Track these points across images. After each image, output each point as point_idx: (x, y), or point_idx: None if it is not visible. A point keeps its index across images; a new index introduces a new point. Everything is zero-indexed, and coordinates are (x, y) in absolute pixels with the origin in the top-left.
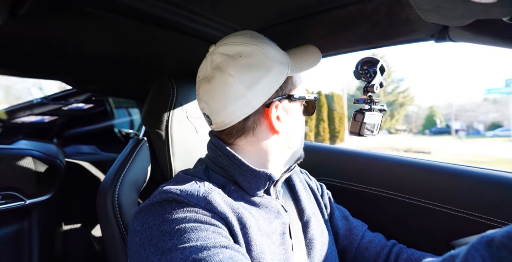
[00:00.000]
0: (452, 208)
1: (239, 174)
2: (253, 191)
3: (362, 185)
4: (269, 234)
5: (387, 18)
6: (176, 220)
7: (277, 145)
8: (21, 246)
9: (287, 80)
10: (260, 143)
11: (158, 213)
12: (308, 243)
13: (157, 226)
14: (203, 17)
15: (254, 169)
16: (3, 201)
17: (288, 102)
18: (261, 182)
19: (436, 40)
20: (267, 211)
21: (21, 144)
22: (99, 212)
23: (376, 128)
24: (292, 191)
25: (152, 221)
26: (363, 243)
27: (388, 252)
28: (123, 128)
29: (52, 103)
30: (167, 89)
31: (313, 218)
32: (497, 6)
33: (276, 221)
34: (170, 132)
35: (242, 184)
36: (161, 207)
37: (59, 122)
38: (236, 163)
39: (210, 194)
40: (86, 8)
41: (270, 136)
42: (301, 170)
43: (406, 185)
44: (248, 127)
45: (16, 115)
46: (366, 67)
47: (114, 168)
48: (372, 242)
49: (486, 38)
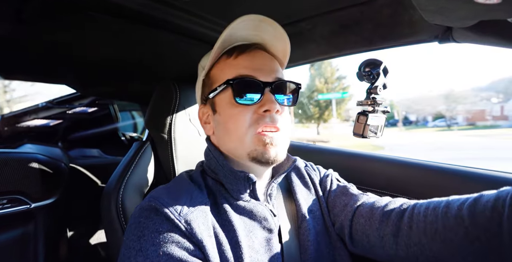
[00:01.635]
0: None
1: (223, 176)
2: (236, 194)
3: (363, 187)
4: (250, 244)
5: (390, 19)
6: (147, 234)
7: (217, 147)
8: (26, 250)
9: (205, 81)
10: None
11: (139, 225)
12: (302, 245)
13: (134, 241)
14: (204, 20)
15: (232, 169)
16: (9, 204)
17: (212, 102)
18: (241, 183)
19: (440, 41)
20: (252, 216)
21: (26, 147)
22: (103, 215)
23: (379, 130)
24: (288, 191)
25: (129, 227)
26: (358, 212)
27: (388, 212)
28: (127, 131)
29: (57, 107)
30: (170, 93)
31: (310, 216)
32: (501, 6)
33: (260, 228)
34: (173, 135)
35: (226, 186)
36: (141, 214)
37: (64, 126)
38: (220, 163)
39: (193, 213)
40: (89, 12)
41: (213, 138)
42: (307, 162)
43: (408, 186)
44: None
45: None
46: (369, 69)
47: (118, 171)
48: (368, 206)
49: (491, 39)
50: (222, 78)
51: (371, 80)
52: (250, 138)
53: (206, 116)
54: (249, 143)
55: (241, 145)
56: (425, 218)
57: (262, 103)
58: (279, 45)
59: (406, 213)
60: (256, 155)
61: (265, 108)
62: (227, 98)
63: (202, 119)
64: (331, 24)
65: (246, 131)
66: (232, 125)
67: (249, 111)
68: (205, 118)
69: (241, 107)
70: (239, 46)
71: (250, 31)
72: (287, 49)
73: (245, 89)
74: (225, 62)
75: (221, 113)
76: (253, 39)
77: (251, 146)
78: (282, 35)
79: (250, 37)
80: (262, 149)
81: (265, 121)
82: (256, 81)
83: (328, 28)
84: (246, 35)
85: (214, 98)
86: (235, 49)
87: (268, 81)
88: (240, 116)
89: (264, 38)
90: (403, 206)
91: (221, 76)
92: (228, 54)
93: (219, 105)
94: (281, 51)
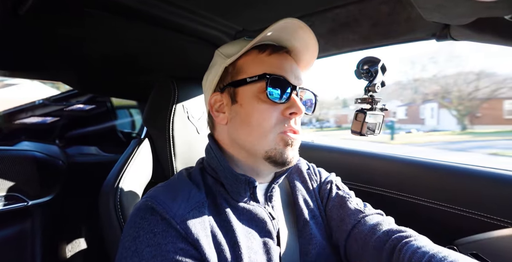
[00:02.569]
0: (456, 207)
1: (223, 176)
2: (235, 196)
3: (363, 184)
4: (248, 245)
5: (388, 17)
6: (145, 239)
7: (228, 140)
8: (24, 247)
9: (228, 69)
10: (225, 143)
11: (134, 226)
12: (302, 249)
13: (129, 242)
14: (203, 18)
15: (234, 171)
16: (6, 202)
17: (233, 91)
18: (241, 186)
19: (438, 39)
20: (250, 218)
21: (23, 145)
22: (101, 213)
23: (378, 128)
24: (290, 195)
25: (127, 232)
26: (352, 234)
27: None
28: (125, 129)
29: (54, 105)
30: (168, 90)
31: (312, 221)
32: (498, 4)
33: (258, 230)
34: (171, 133)
35: (226, 187)
36: (138, 213)
37: (61, 123)
38: (221, 164)
39: (189, 212)
40: (87, 9)
41: (224, 129)
42: (310, 164)
43: (409, 184)
44: (213, 124)
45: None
46: (367, 66)
47: (116, 168)
48: (363, 232)
49: (488, 37)
50: (254, 71)
51: (369, 78)
52: (274, 137)
53: (219, 104)
54: (271, 141)
55: (262, 142)
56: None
57: (290, 105)
58: (307, 55)
59: (395, 252)
60: (275, 154)
61: (292, 110)
62: (255, 91)
63: (213, 107)
64: (329, 22)
65: (271, 128)
66: (256, 120)
67: (275, 110)
68: (217, 107)
69: (268, 104)
70: (271, 45)
71: (285, 35)
72: (312, 62)
73: (277, 87)
74: (257, 56)
75: (243, 105)
76: (285, 43)
77: (272, 145)
78: (313, 46)
79: (283, 40)
80: (282, 148)
81: (290, 123)
82: (289, 82)
83: (326, 26)
84: (279, 37)
85: (238, 88)
86: (268, 47)
87: (296, 85)
88: (267, 113)
89: (295, 46)
90: (394, 241)
91: (253, 68)
92: (260, 50)
93: (242, 97)
94: (305, 61)
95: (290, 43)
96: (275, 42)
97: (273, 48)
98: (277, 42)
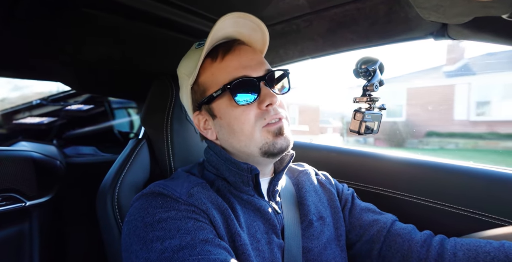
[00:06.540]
0: (454, 206)
1: (226, 169)
2: (239, 186)
3: (365, 184)
4: (251, 231)
5: (386, 16)
6: (158, 212)
7: (218, 144)
8: (22, 248)
9: (194, 88)
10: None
11: (143, 206)
12: (305, 246)
13: (142, 218)
14: (200, 17)
15: (237, 161)
16: (3, 202)
17: (208, 108)
18: (244, 175)
19: (435, 38)
20: (255, 209)
21: (20, 145)
22: (99, 213)
23: (376, 127)
24: (298, 193)
25: (137, 213)
26: (393, 230)
27: (428, 239)
28: (122, 129)
29: (51, 105)
30: (166, 90)
31: (318, 223)
32: (495, 3)
33: (262, 222)
34: (169, 133)
35: (229, 179)
36: (147, 200)
37: (59, 123)
38: (222, 158)
39: (192, 188)
40: (83, 9)
41: (216, 143)
42: (319, 172)
43: (408, 184)
44: (206, 139)
45: (16, 116)
46: (365, 66)
47: (114, 169)
48: (405, 229)
49: (486, 36)
50: (216, 84)
51: (368, 77)
52: (259, 133)
53: (204, 122)
54: (259, 138)
55: (252, 142)
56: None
57: (262, 99)
58: (257, 36)
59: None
60: (268, 147)
61: (266, 103)
62: (226, 102)
63: (200, 126)
64: (327, 21)
65: (253, 127)
66: (238, 126)
67: (251, 109)
68: (203, 125)
69: (243, 107)
70: (221, 47)
71: (229, 29)
72: (265, 38)
73: (243, 89)
74: (212, 66)
75: (222, 117)
76: (232, 36)
77: (261, 140)
78: (259, 25)
79: (230, 34)
80: (272, 139)
81: (269, 114)
82: (251, 79)
83: (324, 25)
84: (225, 34)
85: (211, 104)
86: (218, 51)
87: (260, 75)
88: (244, 116)
89: (243, 32)
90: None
91: (214, 81)
92: (212, 57)
93: (218, 110)
94: (260, 40)
95: (238, 32)
96: (226, 39)
97: (224, 50)
98: (227, 38)
